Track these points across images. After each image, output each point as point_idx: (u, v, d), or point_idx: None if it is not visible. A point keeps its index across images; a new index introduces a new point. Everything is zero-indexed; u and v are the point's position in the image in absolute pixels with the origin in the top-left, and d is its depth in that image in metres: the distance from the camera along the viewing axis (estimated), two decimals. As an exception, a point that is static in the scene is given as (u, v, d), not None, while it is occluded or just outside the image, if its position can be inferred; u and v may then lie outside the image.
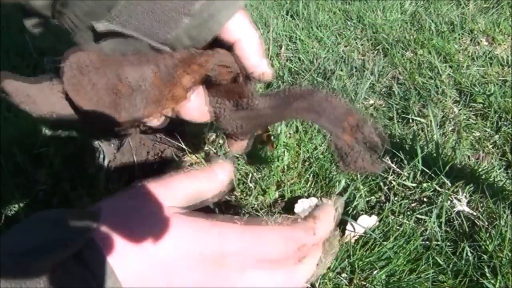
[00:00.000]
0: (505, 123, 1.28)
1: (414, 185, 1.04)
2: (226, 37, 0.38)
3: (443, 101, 1.38)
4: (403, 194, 1.03)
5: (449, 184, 1.02)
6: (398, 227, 0.93)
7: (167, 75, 0.33)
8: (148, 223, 0.30)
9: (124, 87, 0.32)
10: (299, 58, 1.64)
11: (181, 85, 0.33)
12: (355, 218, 0.91)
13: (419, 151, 1.06)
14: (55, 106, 0.34)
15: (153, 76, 0.33)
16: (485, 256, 0.87)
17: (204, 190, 0.38)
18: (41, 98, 0.33)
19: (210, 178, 0.38)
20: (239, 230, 0.33)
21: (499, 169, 1.12)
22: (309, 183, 1.05)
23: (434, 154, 1.11)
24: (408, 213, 0.98)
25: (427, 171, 1.05)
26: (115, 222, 0.30)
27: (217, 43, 0.38)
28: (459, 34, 1.73)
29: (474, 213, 0.97)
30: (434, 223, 0.94)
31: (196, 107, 0.41)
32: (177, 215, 0.32)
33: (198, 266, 0.30)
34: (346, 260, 0.85)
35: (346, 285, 0.83)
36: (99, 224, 0.30)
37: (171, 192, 0.34)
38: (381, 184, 1.06)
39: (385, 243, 0.87)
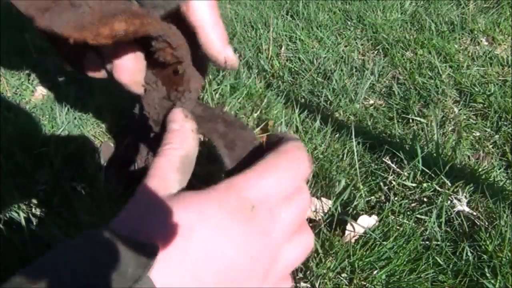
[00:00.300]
0: (505, 123, 1.28)
1: (414, 185, 1.04)
2: (191, 17, 0.36)
3: (443, 101, 1.38)
4: (403, 194, 1.03)
5: (449, 184, 1.02)
6: (398, 227, 0.93)
7: (109, 11, 0.32)
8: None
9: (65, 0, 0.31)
10: (299, 58, 1.64)
11: (111, 26, 0.31)
12: (355, 218, 0.91)
13: (419, 151, 1.06)
14: None
15: (97, 4, 0.32)
16: (485, 256, 0.87)
17: (188, 152, 0.35)
18: None
19: (181, 138, 0.35)
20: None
21: (499, 169, 1.12)
22: (309, 183, 1.05)
23: (434, 154, 1.11)
24: (408, 213, 0.98)
25: (427, 171, 1.05)
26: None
27: (183, 28, 0.37)
28: (459, 34, 1.73)
29: (474, 213, 0.97)
30: (434, 223, 0.94)
31: (128, 69, 0.38)
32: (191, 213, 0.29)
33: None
34: (346, 260, 0.85)
35: (346, 285, 0.83)
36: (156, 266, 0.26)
37: (164, 182, 0.32)
38: (381, 184, 1.06)
39: (385, 243, 0.87)
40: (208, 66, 0.41)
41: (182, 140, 0.35)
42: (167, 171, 0.33)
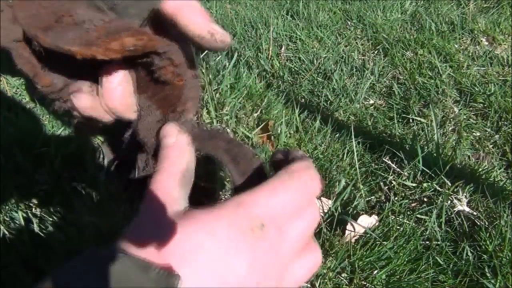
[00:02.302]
0: (505, 123, 1.28)
1: (414, 185, 1.04)
2: (167, 9, 0.35)
3: (443, 101, 1.38)
4: (403, 194, 1.03)
5: (449, 184, 1.02)
6: (398, 227, 0.93)
7: (114, 29, 0.32)
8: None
9: (68, 18, 0.31)
10: (299, 58, 1.64)
11: (121, 41, 0.31)
12: (355, 218, 0.91)
13: (419, 151, 1.06)
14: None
15: (102, 22, 0.32)
16: (485, 256, 0.87)
17: (188, 165, 0.34)
18: None
19: (179, 152, 0.35)
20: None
21: (499, 169, 1.12)
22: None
23: (434, 154, 1.11)
24: (408, 213, 0.98)
25: (427, 171, 1.05)
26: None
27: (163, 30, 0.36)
28: (459, 34, 1.73)
29: (474, 213, 0.97)
30: (434, 223, 0.94)
31: (119, 94, 0.37)
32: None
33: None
34: (346, 260, 0.85)
35: (346, 285, 0.83)
36: None
37: (169, 198, 0.32)
38: (381, 184, 1.06)
39: (385, 243, 0.87)
40: (199, 87, 0.41)
41: (179, 154, 0.35)
42: (170, 187, 0.33)
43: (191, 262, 0.28)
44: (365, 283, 0.83)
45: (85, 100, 0.37)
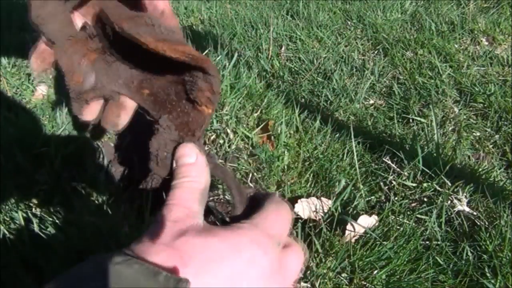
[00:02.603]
0: (505, 123, 1.28)
1: (414, 185, 1.04)
2: None
3: (443, 101, 1.38)
4: (403, 194, 1.03)
5: (449, 184, 1.02)
6: (398, 227, 0.93)
7: (177, 40, 0.36)
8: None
9: (139, 19, 0.36)
10: (299, 58, 1.63)
11: (185, 47, 0.35)
12: (355, 218, 0.91)
13: (419, 151, 1.06)
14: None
15: (166, 31, 0.36)
16: (485, 256, 0.87)
17: (206, 184, 0.37)
18: None
19: (199, 172, 0.37)
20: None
21: (499, 169, 1.12)
22: (309, 183, 1.05)
23: (434, 154, 1.11)
24: (408, 213, 0.98)
25: (427, 171, 1.05)
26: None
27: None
28: (459, 34, 1.73)
29: (474, 213, 0.97)
30: (434, 223, 0.94)
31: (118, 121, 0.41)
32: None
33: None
34: (346, 260, 0.85)
35: (346, 285, 0.83)
36: None
37: (190, 212, 0.34)
38: (381, 184, 1.06)
39: (385, 243, 0.87)
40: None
41: (199, 173, 0.37)
42: (190, 202, 0.35)
43: (214, 271, 0.30)
44: (365, 283, 0.83)
45: (90, 114, 0.41)
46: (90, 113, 0.40)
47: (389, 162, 1.10)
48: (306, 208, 0.95)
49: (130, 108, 0.42)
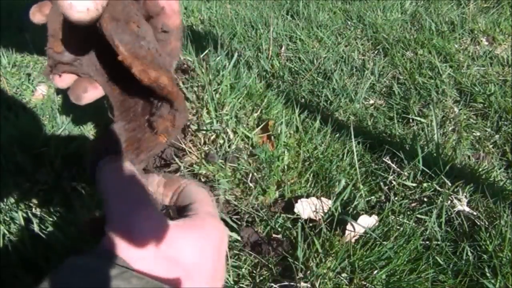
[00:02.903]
0: (505, 123, 1.28)
1: (414, 185, 1.04)
2: None
3: (444, 101, 1.38)
4: (403, 194, 1.03)
5: (449, 184, 1.02)
6: (398, 227, 0.93)
7: (159, 63, 0.34)
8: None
9: (134, 25, 0.34)
10: (299, 58, 1.63)
11: (159, 75, 0.34)
12: (355, 218, 0.91)
13: (419, 151, 1.06)
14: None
15: (154, 50, 0.35)
16: (485, 256, 0.87)
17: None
18: None
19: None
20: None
21: (499, 169, 1.12)
22: (309, 183, 1.05)
23: (434, 154, 1.11)
24: (408, 213, 0.98)
25: (427, 171, 1.05)
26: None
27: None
28: (459, 34, 1.73)
29: (474, 213, 0.97)
30: (434, 223, 0.94)
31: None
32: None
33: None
34: (346, 260, 0.85)
35: (346, 285, 0.83)
36: None
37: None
38: (381, 184, 1.06)
39: (385, 243, 0.87)
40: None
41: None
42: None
43: (199, 268, 0.34)
44: (365, 283, 0.83)
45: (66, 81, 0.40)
46: (61, 81, 0.40)
47: (389, 162, 1.10)
48: (306, 208, 0.95)
49: (100, 89, 0.41)
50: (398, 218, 0.95)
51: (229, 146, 1.06)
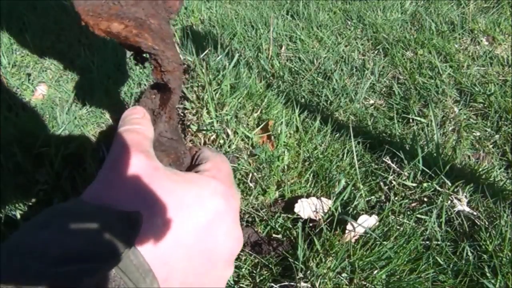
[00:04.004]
0: (505, 122, 1.28)
1: (414, 185, 1.04)
2: None
3: (444, 101, 1.38)
4: (403, 194, 1.03)
5: (449, 184, 1.02)
6: (398, 227, 0.93)
7: (124, 12, 0.34)
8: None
9: None
10: (299, 58, 1.63)
11: (110, 24, 0.34)
12: (355, 218, 0.91)
13: (419, 151, 1.06)
14: None
15: (124, 2, 0.34)
16: (485, 256, 0.87)
17: (152, 135, 0.39)
18: None
19: (145, 123, 0.39)
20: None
21: (499, 169, 1.12)
22: (309, 183, 1.05)
23: (434, 154, 1.11)
24: (408, 213, 0.98)
25: (427, 171, 1.05)
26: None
27: None
28: (459, 34, 1.73)
29: (474, 213, 0.97)
30: (434, 223, 0.94)
31: None
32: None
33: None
34: (346, 260, 0.85)
35: (346, 285, 0.83)
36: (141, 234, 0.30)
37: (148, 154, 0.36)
38: (381, 184, 1.06)
39: (385, 243, 0.87)
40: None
41: (148, 125, 0.39)
42: (146, 146, 0.37)
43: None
44: (365, 283, 0.83)
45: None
46: None
47: (389, 162, 1.10)
48: (306, 208, 0.95)
49: None
50: (398, 218, 0.95)
51: (229, 146, 1.06)
